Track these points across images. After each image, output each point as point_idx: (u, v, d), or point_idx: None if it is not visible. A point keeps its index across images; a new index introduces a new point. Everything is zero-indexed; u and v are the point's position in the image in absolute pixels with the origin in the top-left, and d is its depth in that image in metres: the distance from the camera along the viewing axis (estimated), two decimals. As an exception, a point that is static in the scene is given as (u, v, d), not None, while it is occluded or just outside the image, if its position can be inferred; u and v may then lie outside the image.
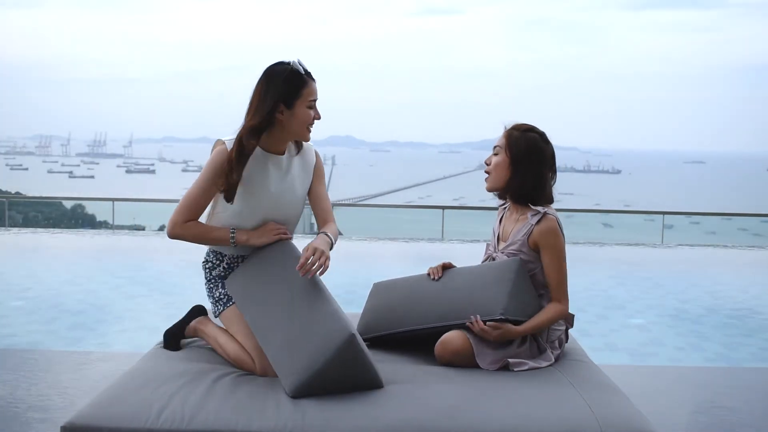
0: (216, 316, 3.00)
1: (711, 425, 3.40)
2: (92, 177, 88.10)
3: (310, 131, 2.87)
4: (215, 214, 2.92)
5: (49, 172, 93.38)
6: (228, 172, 2.75)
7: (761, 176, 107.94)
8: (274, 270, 2.75)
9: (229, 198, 2.79)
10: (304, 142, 2.97)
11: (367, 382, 2.49)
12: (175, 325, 3.02)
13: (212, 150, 2.85)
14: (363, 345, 2.48)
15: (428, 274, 3.03)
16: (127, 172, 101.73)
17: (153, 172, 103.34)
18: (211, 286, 3.01)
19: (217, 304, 2.95)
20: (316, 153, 3.04)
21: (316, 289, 2.61)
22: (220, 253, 3.02)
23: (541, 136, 2.98)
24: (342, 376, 2.44)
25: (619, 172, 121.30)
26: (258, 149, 2.84)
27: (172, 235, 2.84)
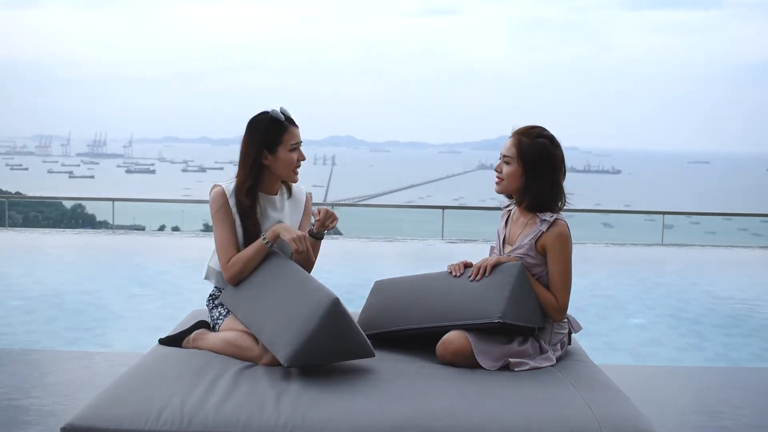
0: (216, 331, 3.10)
1: (711, 425, 3.40)
2: (92, 177, 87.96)
3: (296, 173, 3.09)
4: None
5: (49, 172, 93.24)
6: (243, 224, 2.99)
7: (762, 176, 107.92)
8: (257, 272, 2.95)
9: (254, 239, 2.99)
10: (294, 187, 3.20)
11: (357, 348, 2.63)
12: (175, 334, 3.06)
13: (210, 193, 3.04)
14: (348, 310, 2.62)
15: (449, 272, 3.00)
16: (127, 172, 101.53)
17: (153, 172, 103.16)
18: (212, 308, 3.15)
19: (216, 321, 3.08)
20: (307, 194, 3.26)
21: (296, 274, 2.80)
22: (220, 289, 3.18)
23: (551, 139, 2.95)
24: (332, 340, 2.56)
25: (619, 172, 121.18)
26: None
27: (229, 279, 2.99)
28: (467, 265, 3.00)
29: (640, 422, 2.35)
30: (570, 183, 3.07)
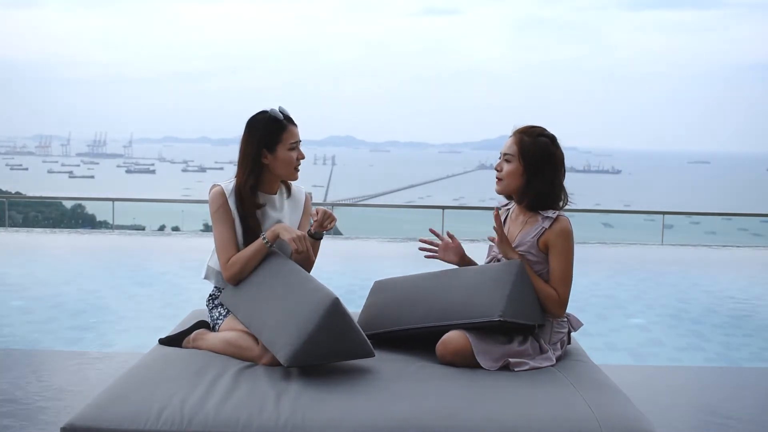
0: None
1: (711, 425, 3.40)
2: (92, 177, 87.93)
3: (297, 171, 3.09)
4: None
5: (49, 172, 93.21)
6: (244, 224, 3.00)
7: (762, 176, 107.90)
8: (257, 272, 2.95)
9: (254, 239, 2.99)
10: (294, 187, 3.19)
11: (357, 348, 2.63)
12: (175, 334, 3.06)
13: (209, 192, 3.04)
14: (348, 310, 2.62)
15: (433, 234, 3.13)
16: (127, 172, 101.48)
17: (153, 172, 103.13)
18: (212, 309, 3.15)
19: (216, 321, 3.08)
20: (306, 194, 3.25)
21: (296, 273, 2.80)
22: (220, 289, 3.18)
23: (552, 139, 2.96)
24: (332, 340, 2.56)
25: (619, 172, 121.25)
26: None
27: (229, 278, 3.00)
28: (449, 236, 3.13)
29: (640, 422, 2.35)
30: (570, 183, 3.07)
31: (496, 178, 3.03)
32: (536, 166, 2.92)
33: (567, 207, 3.03)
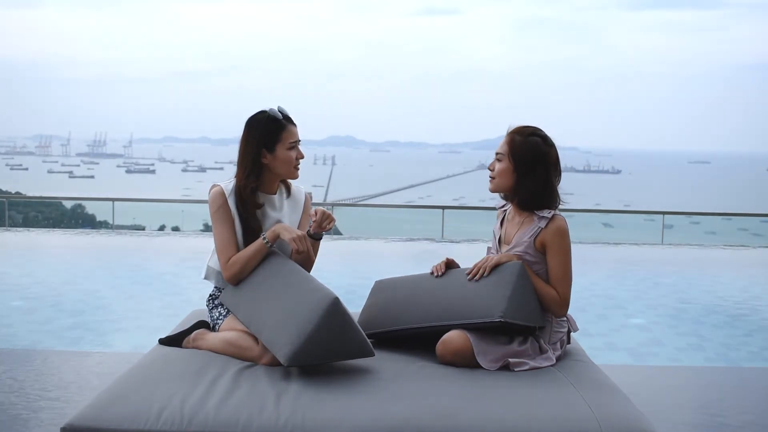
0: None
1: (711, 425, 3.40)
2: (92, 177, 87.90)
3: (297, 170, 3.09)
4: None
5: (49, 172, 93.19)
6: (244, 224, 3.00)
7: (762, 176, 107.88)
8: (257, 272, 2.95)
9: (254, 239, 2.99)
10: (293, 187, 3.20)
11: (357, 348, 2.63)
12: (175, 334, 3.06)
13: (209, 193, 3.04)
14: (348, 310, 2.62)
15: (431, 272, 3.04)
16: (127, 172, 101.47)
17: (153, 172, 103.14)
18: (212, 309, 3.15)
19: (216, 321, 3.08)
20: (306, 194, 3.26)
21: (296, 273, 2.81)
22: (220, 289, 3.18)
23: (544, 139, 2.96)
24: (332, 339, 2.56)
25: (619, 172, 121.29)
26: None
27: (229, 278, 3.00)
28: (449, 263, 3.04)
29: (640, 422, 2.35)
30: (570, 183, 3.07)
31: (489, 177, 3.04)
32: (527, 165, 2.93)
33: (568, 207, 3.03)
